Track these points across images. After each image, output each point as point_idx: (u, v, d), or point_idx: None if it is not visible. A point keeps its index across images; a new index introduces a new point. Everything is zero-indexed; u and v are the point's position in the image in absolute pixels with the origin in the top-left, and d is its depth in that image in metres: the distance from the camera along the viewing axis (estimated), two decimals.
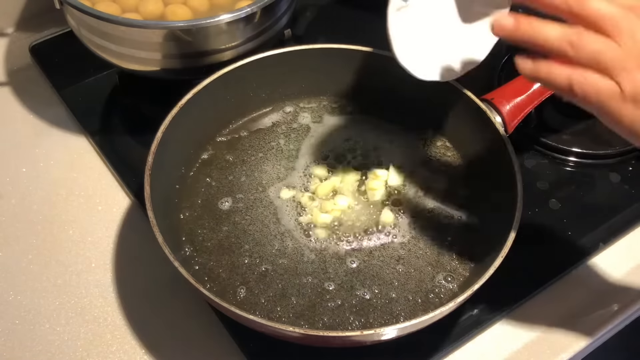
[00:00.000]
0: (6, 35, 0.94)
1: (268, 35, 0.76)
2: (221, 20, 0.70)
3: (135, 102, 0.84)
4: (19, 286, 0.69)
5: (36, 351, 0.64)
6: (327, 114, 0.77)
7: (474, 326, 0.65)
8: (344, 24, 0.95)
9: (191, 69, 0.74)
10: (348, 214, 0.68)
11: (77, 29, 0.76)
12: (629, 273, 0.71)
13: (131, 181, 0.75)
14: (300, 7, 0.89)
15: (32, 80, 0.88)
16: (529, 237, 0.70)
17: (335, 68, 0.74)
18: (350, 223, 0.67)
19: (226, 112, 0.74)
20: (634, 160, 0.79)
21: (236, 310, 0.54)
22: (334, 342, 0.58)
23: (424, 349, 0.63)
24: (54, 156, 0.80)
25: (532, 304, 0.68)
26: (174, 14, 0.75)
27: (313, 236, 0.66)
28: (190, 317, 0.66)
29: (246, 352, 0.63)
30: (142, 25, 0.70)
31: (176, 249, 0.63)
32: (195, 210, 0.68)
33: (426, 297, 0.62)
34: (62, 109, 0.84)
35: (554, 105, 0.82)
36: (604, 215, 0.74)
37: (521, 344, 0.65)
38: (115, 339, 0.65)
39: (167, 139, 0.65)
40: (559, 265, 0.70)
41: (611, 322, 0.67)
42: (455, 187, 0.70)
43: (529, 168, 0.77)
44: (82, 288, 0.69)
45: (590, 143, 0.80)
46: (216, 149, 0.73)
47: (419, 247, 0.66)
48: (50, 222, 0.74)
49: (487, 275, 0.56)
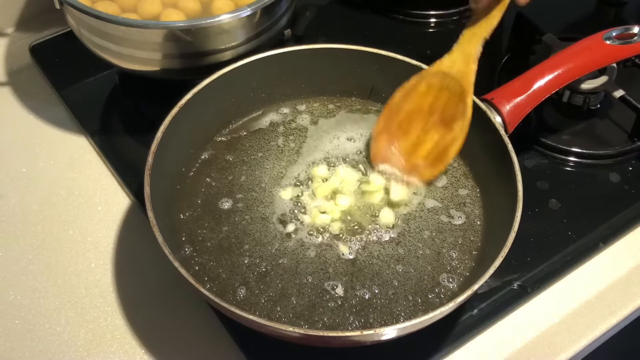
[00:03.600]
0: (6, 35, 0.94)
1: (268, 35, 0.76)
2: (221, 20, 0.70)
3: (135, 102, 0.84)
4: (19, 286, 0.69)
5: (36, 351, 0.64)
6: (327, 114, 0.77)
7: (474, 326, 0.65)
8: (344, 24, 0.95)
9: (191, 69, 0.74)
10: (348, 214, 0.68)
11: (77, 29, 0.76)
12: (629, 273, 0.71)
13: (131, 181, 0.75)
14: (300, 7, 0.89)
15: (32, 80, 0.88)
16: (529, 237, 0.71)
17: (335, 68, 0.74)
18: (350, 223, 0.67)
19: (226, 112, 0.74)
20: (634, 160, 0.79)
21: (236, 310, 0.54)
22: (334, 342, 0.58)
23: (424, 349, 0.63)
24: (54, 156, 0.80)
25: (531, 304, 0.68)
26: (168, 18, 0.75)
27: (313, 236, 0.66)
28: (190, 317, 0.66)
29: (246, 352, 0.63)
30: (142, 25, 0.70)
31: (176, 249, 0.63)
32: (195, 210, 0.68)
33: (426, 297, 0.62)
34: (62, 109, 0.84)
35: (554, 105, 0.83)
36: (604, 215, 0.74)
37: (521, 344, 0.65)
38: (115, 339, 0.65)
39: (167, 139, 0.65)
40: (559, 265, 0.70)
41: (611, 322, 0.67)
42: (455, 187, 0.70)
43: (529, 168, 0.77)
44: (82, 288, 0.69)
45: (590, 143, 0.80)
46: (216, 149, 0.73)
47: (419, 247, 0.66)
48: (50, 222, 0.74)
49: (487, 275, 0.56)
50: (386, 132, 0.69)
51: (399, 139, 0.68)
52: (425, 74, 0.68)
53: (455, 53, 0.66)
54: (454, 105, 0.65)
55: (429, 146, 0.67)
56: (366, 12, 0.96)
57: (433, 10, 0.96)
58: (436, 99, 0.66)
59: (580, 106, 0.81)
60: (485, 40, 0.64)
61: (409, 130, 0.67)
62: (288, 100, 0.77)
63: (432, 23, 0.96)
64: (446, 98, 0.66)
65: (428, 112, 0.66)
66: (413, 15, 0.95)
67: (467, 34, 0.65)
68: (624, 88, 0.80)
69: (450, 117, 0.66)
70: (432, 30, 0.96)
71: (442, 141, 0.66)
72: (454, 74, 0.65)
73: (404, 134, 0.68)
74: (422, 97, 0.67)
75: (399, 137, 0.68)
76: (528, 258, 0.70)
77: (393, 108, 0.69)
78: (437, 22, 0.96)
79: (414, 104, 0.67)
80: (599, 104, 0.82)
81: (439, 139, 0.66)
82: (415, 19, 0.95)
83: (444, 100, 0.66)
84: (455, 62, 0.66)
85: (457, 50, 0.66)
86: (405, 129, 0.68)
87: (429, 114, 0.66)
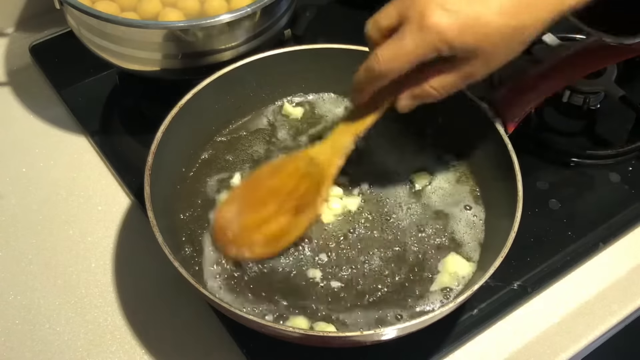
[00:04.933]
0: (6, 35, 0.94)
1: (268, 35, 0.76)
2: (221, 20, 0.70)
3: (135, 102, 0.84)
4: (19, 286, 0.69)
5: (36, 351, 0.64)
6: (328, 114, 0.77)
7: (474, 326, 0.65)
8: (344, 24, 0.95)
9: (191, 69, 0.74)
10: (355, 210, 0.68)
11: (77, 29, 0.76)
12: (629, 273, 0.71)
13: (131, 181, 0.75)
14: (300, 7, 0.89)
15: (32, 80, 0.88)
16: (529, 237, 0.71)
17: (335, 68, 0.74)
18: (357, 220, 0.67)
19: (226, 112, 0.74)
20: (634, 160, 0.79)
21: (236, 310, 0.54)
22: (333, 342, 0.58)
23: (424, 349, 0.63)
24: (54, 156, 0.80)
25: (532, 304, 0.68)
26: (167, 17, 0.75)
27: (313, 235, 0.66)
28: (190, 317, 0.66)
29: (246, 352, 0.63)
30: (142, 25, 0.70)
31: (176, 249, 0.63)
32: (195, 210, 0.68)
33: (426, 298, 0.62)
34: (62, 109, 0.84)
35: (554, 105, 0.83)
36: (604, 215, 0.74)
37: (521, 344, 0.65)
38: (115, 339, 0.65)
39: (167, 139, 0.65)
40: (559, 265, 0.70)
41: (611, 322, 0.67)
42: (455, 187, 0.70)
43: (530, 168, 0.77)
44: (82, 288, 0.69)
45: (590, 143, 0.80)
46: (216, 149, 0.73)
47: (419, 247, 0.66)
48: (50, 222, 0.74)
49: (487, 275, 0.56)
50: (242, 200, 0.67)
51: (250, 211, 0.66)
52: (296, 156, 0.67)
53: (326, 142, 0.65)
54: (311, 194, 0.64)
55: (274, 227, 0.65)
56: (366, 12, 0.95)
57: None
58: (298, 184, 0.65)
59: (580, 106, 0.81)
60: (357, 137, 0.64)
61: (263, 206, 0.65)
62: (288, 100, 0.77)
63: None
64: (307, 185, 0.65)
65: (287, 195, 0.65)
66: None
67: (341, 126, 0.65)
68: (624, 88, 0.80)
69: (304, 205, 0.65)
70: None
71: (287, 226, 0.65)
72: (318, 161, 0.65)
73: (256, 208, 0.66)
74: (287, 178, 0.66)
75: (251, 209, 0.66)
76: (528, 258, 0.70)
77: (257, 179, 0.68)
78: None
79: (277, 182, 0.66)
80: (599, 104, 0.82)
81: (286, 223, 0.65)
82: None
83: (304, 187, 0.65)
84: (323, 150, 0.65)
85: (328, 140, 0.65)
86: (260, 204, 0.66)
87: (287, 197, 0.65)
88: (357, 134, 0.64)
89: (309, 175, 0.65)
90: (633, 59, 0.83)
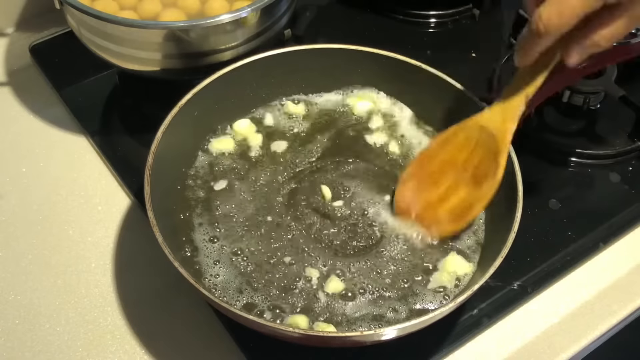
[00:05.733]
0: (6, 35, 0.94)
1: (268, 35, 0.76)
2: (221, 20, 0.70)
3: (135, 102, 0.84)
4: (19, 286, 0.69)
5: (36, 351, 0.64)
6: (328, 114, 0.76)
7: (474, 326, 0.65)
8: (344, 24, 0.95)
9: (191, 69, 0.74)
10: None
11: (77, 29, 0.76)
12: (629, 273, 0.71)
13: (131, 181, 0.75)
14: (300, 7, 0.89)
15: (32, 80, 0.88)
16: (529, 237, 0.71)
17: (335, 68, 0.74)
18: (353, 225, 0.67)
19: (226, 112, 0.74)
20: (634, 160, 0.79)
21: (236, 311, 0.54)
22: (333, 342, 0.58)
23: (424, 349, 0.63)
24: (54, 156, 0.80)
25: (531, 304, 0.68)
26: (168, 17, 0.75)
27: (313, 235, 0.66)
28: (190, 317, 0.66)
29: (246, 352, 0.63)
30: (142, 25, 0.70)
31: (176, 249, 0.63)
32: (195, 210, 0.68)
33: (426, 298, 0.62)
34: (62, 109, 0.84)
35: (554, 105, 0.83)
36: (604, 215, 0.74)
37: (521, 344, 0.65)
38: (115, 339, 0.65)
39: (167, 139, 0.65)
40: (559, 265, 0.70)
41: (611, 322, 0.67)
42: None
43: (529, 168, 0.77)
44: (82, 288, 0.69)
45: (590, 143, 0.80)
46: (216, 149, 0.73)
47: (419, 247, 0.66)
48: (50, 222, 0.74)
49: (487, 275, 0.56)
50: (416, 178, 0.67)
51: (427, 188, 0.65)
52: (464, 125, 0.65)
53: (495, 108, 0.63)
54: (487, 163, 0.63)
55: (455, 201, 0.64)
56: (366, 12, 0.96)
57: (433, 10, 0.96)
58: (471, 154, 0.64)
59: (580, 106, 0.81)
60: (528, 98, 0.61)
61: (439, 181, 0.65)
62: (288, 100, 0.77)
63: (432, 23, 0.96)
64: (481, 155, 0.64)
65: (462, 166, 0.64)
66: (413, 15, 0.95)
67: (509, 90, 0.62)
68: (624, 88, 0.80)
69: (481, 175, 0.63)
70: (432, 30, 0.96)
71: (468, 198, 0.64)
72: (490, 130, 0.63)
73: (433, 184, 0.65)
74: (458, 150, 0.65)
75: (428, 186, 0.66)
76: (528, 258, 0.70)
77: (428, 155, 0.67)
78: (437, 22, 0.96)
79: (449, 155, 0.65)
80: (599, 104, 0.82)
81: (466, 196, 0.64)
82: (415, 19, 0.95)
83: (478, 157, 0.64)
84: (493, 117, 0.63)
85: (497, 105, 0.63)
86: (436, 180, 0.65)
87: (462, 168, 0.64)
88: (527, 95, 0.61)
89: (482, 144, 0.63)
90: (633, 59, 0.83)
